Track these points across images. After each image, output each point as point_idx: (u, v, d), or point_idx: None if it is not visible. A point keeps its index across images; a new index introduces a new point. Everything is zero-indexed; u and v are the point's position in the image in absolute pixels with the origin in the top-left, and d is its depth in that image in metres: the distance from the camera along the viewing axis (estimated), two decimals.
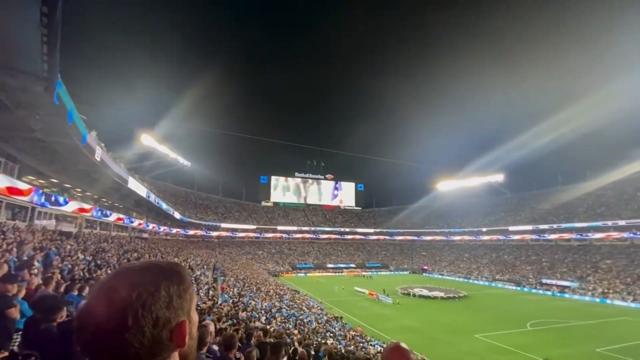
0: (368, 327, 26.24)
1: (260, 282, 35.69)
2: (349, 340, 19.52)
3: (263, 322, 15.93)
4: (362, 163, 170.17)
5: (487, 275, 56.97)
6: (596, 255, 49.64)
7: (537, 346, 21.74)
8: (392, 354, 1.31)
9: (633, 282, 40.04)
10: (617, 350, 21.22)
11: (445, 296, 40.37)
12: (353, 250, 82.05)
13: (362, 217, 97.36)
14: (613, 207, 53.44)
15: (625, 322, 28.71)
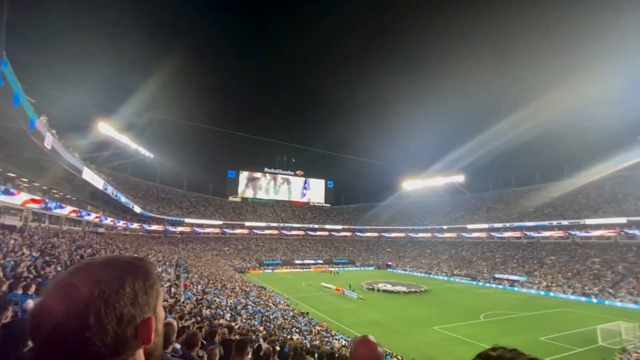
0: (333, 321, 26.71)
1: (226, 279, 34.98)
2: (314, 335, 19.77)
3: (228, 319, 15.67)
4: (332, 160, 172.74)
5: (446, 270, 60.12)
6: (542, 252, 54.17)
7: (489, 336, 23.40)
8: (360, 346, 1.32)
9: (573, 276, 44.23)
10: (557, 338, 23.42)
11: (408, 291, 42.08)
12: (321, 247, 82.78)
13: (330, 213, 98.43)
14: (558, 208, 58.54)
15: (565, 313, 31.67)
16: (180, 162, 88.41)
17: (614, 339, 21.80)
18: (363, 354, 1.26)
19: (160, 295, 0.74)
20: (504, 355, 0.56)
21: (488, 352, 0.61)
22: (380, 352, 1.28)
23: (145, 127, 76.03)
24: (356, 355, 1.27)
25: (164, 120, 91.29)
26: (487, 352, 0.61)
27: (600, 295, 37.79)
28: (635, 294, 35.85)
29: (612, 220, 47.93)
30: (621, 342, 21.30)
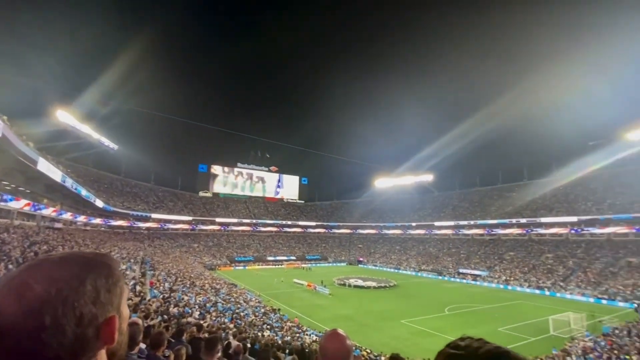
0: (305, 317, 26.86)
1: (195, 276, 34.05)
2: (286, 331, 19.79)
3: (197, 317, 15.30)
4: (307, 157, 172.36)
5: (414, 265, 62.29)
6: (502, 248, 57.59)
7: (453, 328, 24.61)
8: (329, 340, 1.32)
9: (529, 270, 47.44)
10: (513, 328, 25.09)
11: (378, 286, 43.17)
12: (294, 243, 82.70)
13: (304, 210, 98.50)
14: (518, 207, 62.39)
15: (521, 305, 33.92)
16: (147, 154, 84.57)
17: (563, 328, 23.69)
18: (332, 348, 1.27)
19: (124, 293, 0.71)
20: (472, 345, 0.58)
21: (457, 342, 0.63)
22: (349, 345, 1.30)
23: (110, 117, 71.64)
24: (325, 349, 1.27)
25: (130, 110, 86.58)
26: (456, 342, 0.63)
27: (553, 288, 40.85)
28: (583, 287, 39.11)
29: (564, 219, 51.88)
30: (570, 331, 23.21)
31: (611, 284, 37.61)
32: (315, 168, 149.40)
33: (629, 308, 31.47)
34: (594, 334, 21.32)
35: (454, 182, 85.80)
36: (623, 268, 40.33)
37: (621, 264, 41.17)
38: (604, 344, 18.30)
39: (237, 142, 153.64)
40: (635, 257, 41.11)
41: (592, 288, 38.11)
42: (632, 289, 34.94)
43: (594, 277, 40.27)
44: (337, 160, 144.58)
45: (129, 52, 76.28)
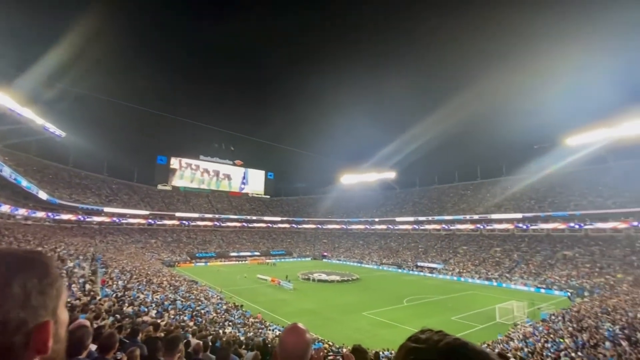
0: (268, 312, 26.74)
1: (152, 274, 32.43)
2: (248, 327, 19.59)
3: (154, 316, 14.63)
4: (274, 151, 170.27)
5: (376, 259, 64.40)
6: (456, 243, 61.37)
7: (410, 319, 25.88)
8: (289, 334, 1.32)
9: (479, 263, 51.07)
10: (465, 317, 26.94)
11: (341, 279, 44.10)
12: (258, 239, 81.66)
13: (270, 205, 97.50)
14: (472, 204, 66.73)
15: (473, 295, 36.47)
16: (100, 143, 78.46)
17: (508, 315, 25.88)
18: (291, 342, 1.28)
19: (62, 296, 0.62)
20: (432, 338, 0.59)
21: (417, 335, 0.63)
22: (309, 338, 1.31)
23: (56, 101, 65.32)
24: (284, 343, 1.28)
25: (81, 95, 79.41)
26: (417, 335, 0.63)
27: (500, 279, 44.36)
28: (525, 278, 42.90)
29: (511, 216, 56.43)
30: (513, 318, 25.41)
31: (549, 274, 41.67)
32: (282, 163, 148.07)
33: (563, 296, 35.14)
34: (533, 320, 23.54)
35: (415, 179, 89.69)
36: (559, 260, 44.82)
37: (558, 257, 45.72)
38: (541, 329, 20.27)
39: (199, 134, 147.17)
40: (570, 251, 45.87)
41: (533, 278, 41.95)
42: (567, 279, 39.00)
43: (534, 269, 44.34)
44: (304, 156, 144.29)
45: (80, 28, 69.40)
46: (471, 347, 0.56)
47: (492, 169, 74.27)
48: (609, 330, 16.86)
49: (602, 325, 17.98)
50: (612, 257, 41.15)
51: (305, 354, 1.26)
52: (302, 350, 1.26)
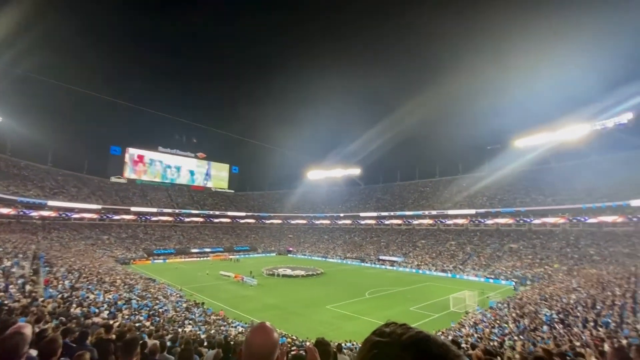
0: (231, 309, 26.25)
1: (104, 272, 30.34)
2: (210, 325, 19.09)
3: (105, 317, 13.74)
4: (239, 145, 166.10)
5: (340, 254, 65.65)
6: (416, 237, 64.34)
7: (372, 310, 26.78)
8: (256, 334, 1.27)
9: (436, 256, 54.01)
10: (422, 307, 28.40)
11: (305, 274, 44.41)
12: (222, 234, 79.50)
13: (234, 200, 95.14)
14: (430, 200, 70.20)
15: (430, 286, 38.53)
16: (43, 130, 71.45)
17: (460, 304, 27.69)
18: (257, 342, 1.23)
19: None
20: (396, 331, 0.60)
21: (382, 328, 0.64)
22: (276, 338, 1.27)
23: None
24: (250, 344, 1.24)
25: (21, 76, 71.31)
26: (381, 328, 0.64)
27: (454, 270, 47.28)
28: (476, 269, 46.11)
29: (465, 212, 60.24)
30: (465, 307, 27.23)
31: (497, 265, 45.18)
32: (248, 157, 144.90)
33: (509, 285, 38.31)
34: (482, 308, 25.43)
35: (379, 176, 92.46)
36: (506, 252, 48.74)
37: (505, 249, 49.68)
38: (489, 315, 21.98)
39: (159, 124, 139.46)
40: (516, 244, 50.03)
41: (483, 269, 45.25)
42: (512, 270, 42.54)
43: (484, 261, 47.82)
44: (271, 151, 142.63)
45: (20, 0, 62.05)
46: (433, 340, 0.58)
47: (449, 168, 78.87)
48: (546, 315, 18.70)
49: (541, 311, 19.91)
50: (550, 249, 45.55)
51: (272, 354, 1.23)
52: (269, 350, 1.22)
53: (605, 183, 47.87)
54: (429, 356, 0.54)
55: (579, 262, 38.87)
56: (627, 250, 38.47)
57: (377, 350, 0.58)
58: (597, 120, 52.43)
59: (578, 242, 44.82)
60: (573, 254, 42.07)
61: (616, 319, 15.45)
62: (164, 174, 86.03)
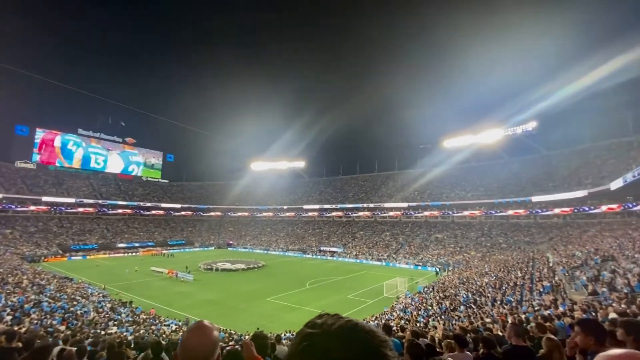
0: (164, 307, 24.70)
1: (7, 272, 26.10)
2: (139, 325, 17.76)
3: (9, 322, 11.92)
4: (176, 132, 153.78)
5: (282, 246, 65.82)
6: (355, 228, 67.44)
7: (312, 300, 27.51)
8: (193, 333, 1.18)
9: (372, 246, 57.35)
10: (358, 294, 30.03)
11: (246, 267, 43.65)
12: (154, 227, 73.65)
13: (168, 190, 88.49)
14: (369, 193, 73.97)
15: (366, 275, 40.82)
16: None
17: (393, 290, 29.94)
18: (195, 343, 1.14)
19: None
20: (327, 321, 0.62)
21: (314, 320, 0.65)
22: (216, 337, 1.19)
23: None
24: (188, 345, 1.14)
25: None
26: (314, 320, 0.65)
27: (388, 259, 50.78)
28: (407, 257, 50.12)
29: (399, 205, 64.81)
30: (397, 292, 29.53)
31: (425, 254, 49.69)
32: (184, 145, 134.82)
33: (434, 271, 42.48)
34: (411, 293, 27.86)
35: (322, 170, 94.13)
36: (432, 242, 53.81)
37: (432, 239, 54.80)
38: (417, 299, 24.20)
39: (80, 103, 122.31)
40: (441, 234, 55.48)
41: (413, 257, 49.40)
42: (437, 257, 47.19)
43: (414, 250, 52.21)
44: (211, 139, 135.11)
45: None
46: (361, 327, 0.60)
47: (387, 164, 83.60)
48: (464, 296, 21.27)
49: (459, 293, 22.57)
50: (468, 238, 51.53)
51: (212, 355, 1.15)
52: (208, 351, 1.14)
53: (513, 181, 55.64)
54: (357, 343, 0.57)
55: (491, 250, 44.71)
56: (527, 239, 45.35)
57: (307, 342, 0.59)
58: (508, 127, 60.33)
59: (490, 232, 51.46)
60: (486, 243, 48.22)
61: (517, 297, 18.26)
62: (85, 160, 76.20)
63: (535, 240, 43.43)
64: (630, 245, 22.39)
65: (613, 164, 41.56)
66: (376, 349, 0.57)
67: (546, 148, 59.24)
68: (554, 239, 39.91)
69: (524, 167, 58.07)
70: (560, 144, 58.34)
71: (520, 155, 62.59)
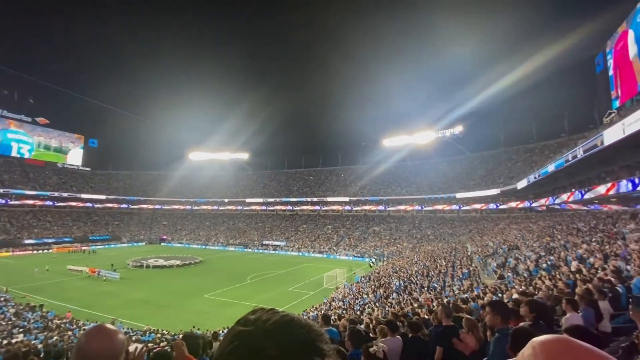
0: (83, 310, 22.19)
1: None
2: (51, 331, 15.75)
3: None
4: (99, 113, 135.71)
5: (222, 240, 63.54)
6: (298, 222, 68.07)
7: (253, 294, 27.21)
8: (91, 338, 1.05)
9: (315, 239, 58.57)
10: (300, 287, 30.54)
11: (182, 263, 41.24)
12: (72, 221, 65.16)
13: (91, 180, 78.56)
14: (313, 187, 75.11)
15: (308, 267, 41.60)
16: None
17: (332, 281, 31.05)
18: (94, 348, 1.02)
19: None
20: (261, 317, 0.58)
21: (247, 316, 0.61)
22: (119, 341, 1.08)
23: None
24: (86, 352, 1.02)
25: None
26: (247, 316, 0.60)
27: (329, 251, 52.40)
28: (347, 249, 52.30)
29: (341, 199, 67.13)
30: (336, 283, 30.71)
31: (363, 246, 52.38)
32: (111, 129, 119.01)
33: (371, 262, 45.05)
34: (349, 283, 29.23)
35: (267, 162, 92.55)
36: (370, 234, 56.95)
37: (369, 232, 57.95)
38: (354, 289, 25.50)
39: None
40: (378, 227, 58.95)
41: (352, 249, 51.75)
42: (373, 249, 50.10)
43: (353, 242, 54.72)
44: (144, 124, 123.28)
45: None
46: (297, 322, 0.57)
47: (331, 159, 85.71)
48: (396, 284, 23.02)
49: (392, 281, 24.37)
50: (402, 231, 55.65)
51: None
52: (108, 357, 1.03)
53: (441, 179, 61.40)
54: (292, 339, 0.54)
55: (421, 241, 48.92)
56: (451, 231, 50.58)
57: (238, 342, 0.55)
58: (439, 129, 66.28)
59: (421, 225, 56.23)
60: (417, 235, 52.62)
61: (441, 284, 20.37)
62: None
63: (457, 232, 48.67)
64: (530, 236, 26.43)
65: (520, 167, 48.37)
66: (312, 343, 0.55)
67: (470, 150, 66.43)
68: (472, 231, 45.18)
69: (451, 167, 64.45)
70: (480, 146, 65.98)
71: (448, 155, 69.18)
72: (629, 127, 15.29)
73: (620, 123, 16.21)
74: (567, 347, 0.47)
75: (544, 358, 0.48)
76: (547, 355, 0.48)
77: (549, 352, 0.48)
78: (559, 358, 0.47)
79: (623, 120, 16.05)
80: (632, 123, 14.93)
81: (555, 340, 0.50)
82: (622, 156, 19.46)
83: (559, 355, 0.47)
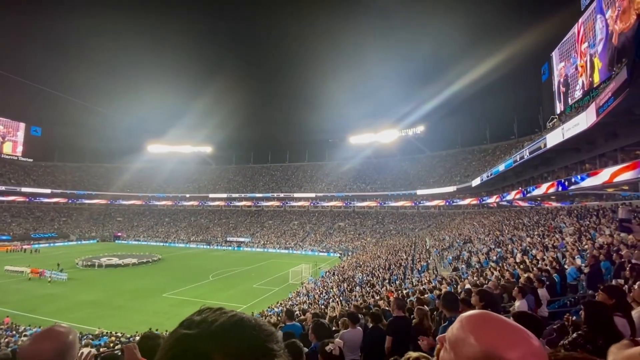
0: (24, 314, 20.32)
1: None
2: None
3: None
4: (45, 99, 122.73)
5: (183, 237, 61.06)
6: (264, 218, 67.27)
7: (215, 292, 26.56)
8: (33, 340, 1.04)
9: (281, 235, 58.29)
10: (265, 283, 30.31)
11: (138, 262, 39.10)
12: (10, 217, 58.99)
13: (33, 172, 71.36)
14: (279, 183, 74.49)
15: (273, 263, 41.31)
16: None
17: (298, 277, 31.18)
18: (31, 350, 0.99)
19: None
20: (207, 319, 0.52)
21: (192, 317, 0.55)
22: (63, 343, 1.05)
23: None
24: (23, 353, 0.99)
25: None
26: (191, 317, 0.55)
27: (295, 247, 52.45)
28: (313, 245, 52.70)
29: (308, 195, 67.35)
30: (301, 278, 30.88)
31: (329, 241, 53.10)
32: (57, 117, 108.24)
33: (334, 256, 45.86)
34: (315, 278, 29.56)
35: (232, 157, 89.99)
36: (335, 230, 57.85)
37: (335, 227, 58.86)
38: (319, 284, 25.84)
39: None
40: (343, 222, 60.02)
41: (318, 245, 52.26)
42: (339, 244, 50.98)
43: (319, 237, 55.28)
44: (95, 113, 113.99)
45: None
46: (246, 322, 0.52)
47: (298, 155, 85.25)
48: (359, 278, 23.67)
49: (356, 275, 25.03)
50: (366, 226, 57.19)
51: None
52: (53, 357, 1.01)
53: (403, 177, 63.85)
54: (240, 341, 0.49)
55: (384, 236, 50.62)
56: (411, 226, 52.88)
57: (179, 348, 0.49)
58: (402, 128, 68.72)
59: (384, 220, 58.15)
60: (380, 230, 54.37)
61: (401, 276, 21.28)
62: None
63: (417, 227, 51.00)
64: (482, 230, 28.42)
65: (475, 166, 51.68)
66: (261, 345, 0.51)
67: (430, 149, 69.65)
68: (431, 226, 47.61)
69: (412, 165, 67.19)
70: (440, 146, 69.47)
71: (410, 154, 71.97)
72: (567, 132, 16.93)
73: (560, 128, 17.89)
74: (487, 318, 0.60)
75: (468, 328, 0.59)
76: (471, 326, 0.59)
77: (472, 323, 0.60)
78: (480, 327, 0.59)
79: (563, 125, 17.74)
80: (570, 128, 16.55)
81: (478, 314, 0.63)
82: (562, 158, 21.53)
83: (480, 325, 0.59)
